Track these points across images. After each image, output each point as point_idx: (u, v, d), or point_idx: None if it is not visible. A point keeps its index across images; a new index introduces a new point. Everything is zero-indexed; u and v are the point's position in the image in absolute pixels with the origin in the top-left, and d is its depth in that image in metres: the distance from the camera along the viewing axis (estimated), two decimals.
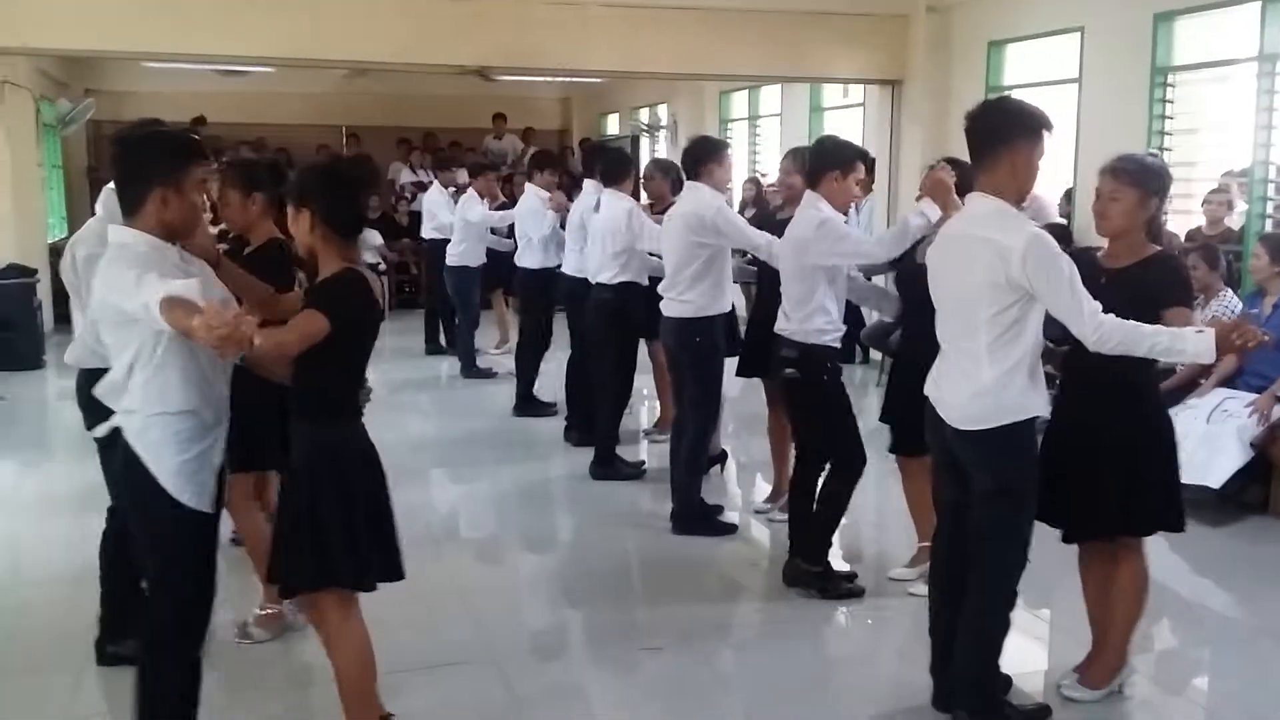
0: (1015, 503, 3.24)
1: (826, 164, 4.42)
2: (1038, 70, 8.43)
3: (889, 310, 4.74)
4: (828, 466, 4.50)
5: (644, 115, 15.07)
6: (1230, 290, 6.01)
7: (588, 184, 6.85)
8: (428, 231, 10.03)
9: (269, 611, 4.06)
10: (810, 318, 4.37)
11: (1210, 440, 5.36)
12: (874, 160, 4.59)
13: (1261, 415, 5.39)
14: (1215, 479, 5.25)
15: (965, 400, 3.25)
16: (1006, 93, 8.59)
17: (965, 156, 3.39)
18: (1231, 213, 6.74)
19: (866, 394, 7.97)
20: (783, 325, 4.50)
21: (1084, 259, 3.36)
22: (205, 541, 2.97)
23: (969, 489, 3.31)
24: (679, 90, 13.25)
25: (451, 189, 10.05)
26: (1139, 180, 3.35)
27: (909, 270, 4.37)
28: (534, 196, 7.71)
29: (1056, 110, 7.65)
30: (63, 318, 11.40)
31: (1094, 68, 7.58)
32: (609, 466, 6.27)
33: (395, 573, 3.11)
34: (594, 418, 6.51)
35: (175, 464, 2.84)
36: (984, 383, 3.18)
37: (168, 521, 2.86)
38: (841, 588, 4.51)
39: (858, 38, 9.10)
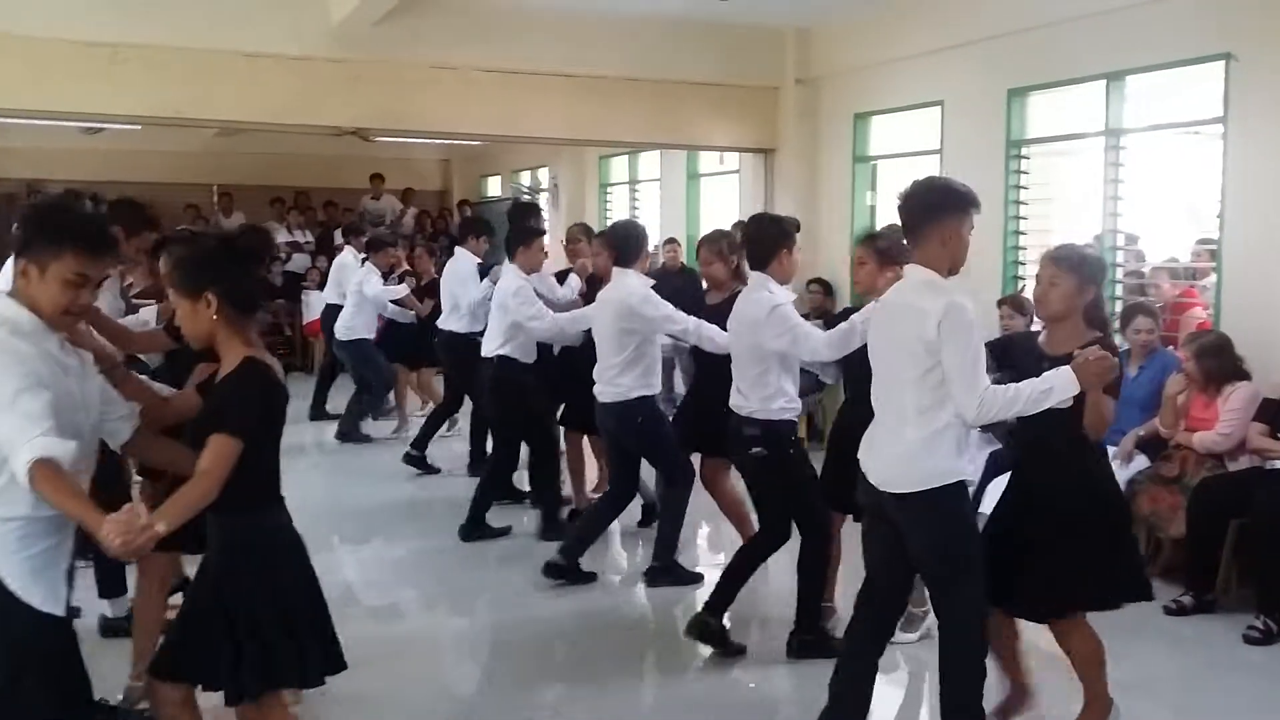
0: (952, 565, 3.32)
1: (774, 243, 4.49)
2: (901, 141, 8.79)
3: (830, 375, 4.84)
4: (801, 538, 4.51)
5: (525, 178, 15.14)
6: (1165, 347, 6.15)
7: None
8: (332, 296, 9.74)
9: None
10: (771, 399, 4.42)
11: None
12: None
13: (1123, 454, 5.64)
14: None
15: (891, 463, 3.37)
16: (874, 162, 8.96)
17: (832, 223, 3.52)
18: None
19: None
20: (740, 404, 4.50)
21: (1025, 343, 3.51)
22: (61, 645, 2.71)
23: (895, 549, 3.41)
24: (560, 154, 13.37)
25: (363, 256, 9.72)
26: (1077, 268, 3.51)
27: None
28: (464, 261, 7.65)
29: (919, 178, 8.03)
30: None
31: (954, 139, 7.95)
32: (554, 527, 6.24)
33: (336, 664, 3.00)
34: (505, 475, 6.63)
35: (21, 559, 2.60)
36: (909, 445, 3.30)
37: (16, 626, 2.61)
38: (839, 646, 4.50)
39: (732, 108, 9.36)
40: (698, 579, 5.52)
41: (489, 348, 6.27)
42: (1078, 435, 3.37)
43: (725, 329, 4.77)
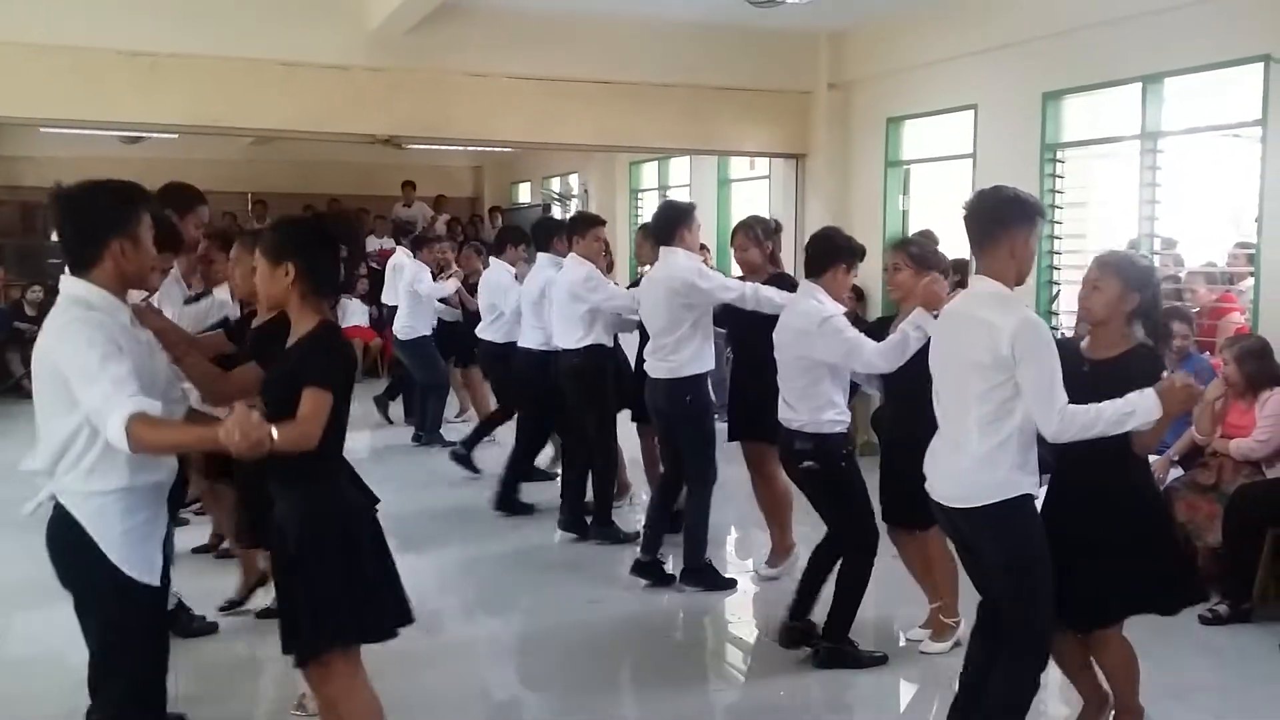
0: (1019, 577, 3.30)
1: (837, 256, 4.48)
2: (934, 145, 8.76)
3: (873, 385, 4.81)
4: (843, 552, 4.50)
5: (556, 184, 15.20)
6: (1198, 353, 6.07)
7: (542, 257, 6.80)
8: (390, 297, 9.78)
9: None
10: (821, 409, 4.38)
11: None
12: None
13: (1159, 477, 5.57)
14: None
15: (953, 477, 3.36)
16: (907, 167, 8.93)
17: (864, 228, 3.52)
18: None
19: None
20: (789, 416, 4.48)
21: (1067, 348, 3.48)
22: (154, 618, 2.86)
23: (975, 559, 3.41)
24: (590, 160, 13.42)
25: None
26: (1121, 272, 3.48)
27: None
28: (501, 270, 7.69)
29: (953, 183, 8.01)
30: None
31: (987, 143, 7.91)
32: (608, 527, 6.23)
33: (407, 616, 3.06)
34: (515, 490, 6.70)
35: (120, 532, 2.71)
36: (971, 460, 3.29)
37: (114, 596, 2.72)
38: (866, 657, 4.51)
39: (763, 113, 9.35)
40: (731, 584, 5.50)
41: (569, 339, 6.17)
42: (1119, 446, 3.33)
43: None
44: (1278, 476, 5.32)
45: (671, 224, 5.35)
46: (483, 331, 7.73)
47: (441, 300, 9.13)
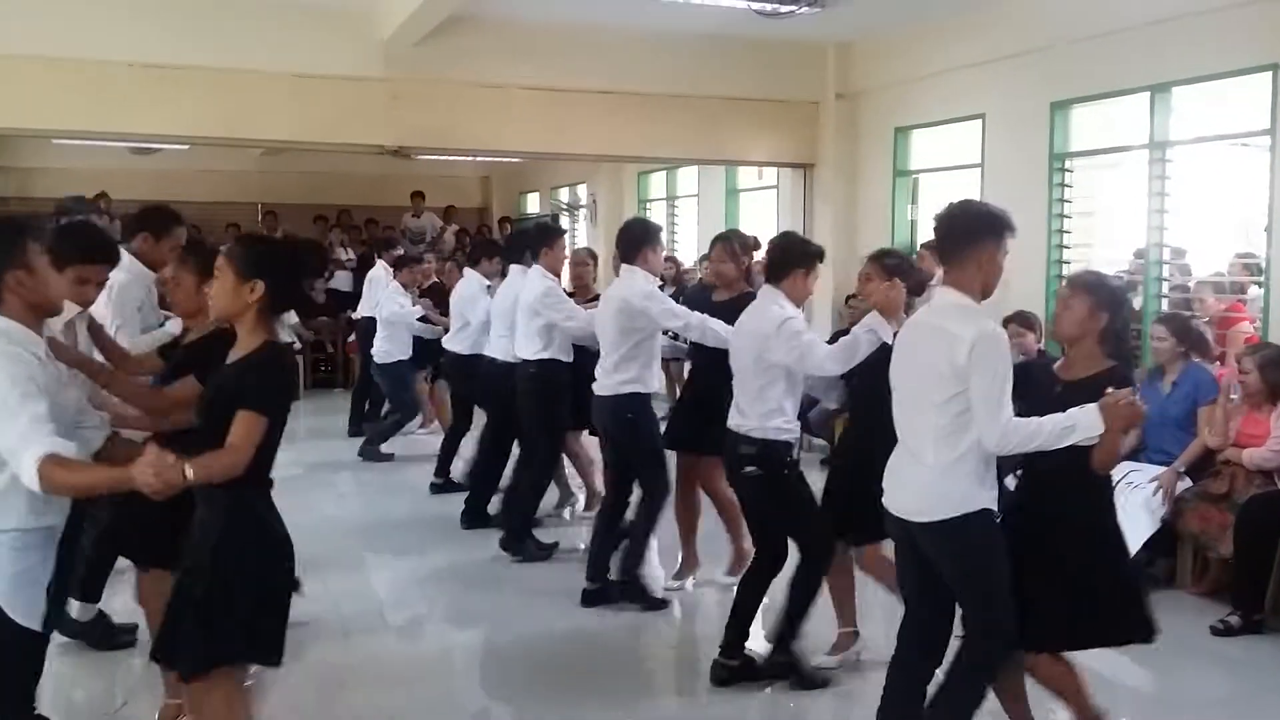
0: (980, 587, 3.30)
1: (794, 261, 4.45)
2: (942, 155, 8.76)
3: (834, 398, 4.78)
4: (799, 557, 4.44)
5: (564, 194, 15.23)
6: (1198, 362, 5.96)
7: (514, 268, 6.81)
8: (365, 309, 9.81)
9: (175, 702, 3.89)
10: (769, 416, 4.34)
11: (1119, 512, 5.48)
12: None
13: (1166, 492, 5.55)
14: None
15: (912, 491, 3.36)
16: (915, 177, 8.94)
17: (872, 238, 3.51)
18: (1137, 294, 7.00)
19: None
20: (738, 421, 4.42)
21: (1041, 368, 3.48)
22: (34, 664, 2.81)
23: (927, 575, 3.39)
24: (599, 170, 13.45)
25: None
26: (1092, 290, 3.47)
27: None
28: (474, 282, 7.71)
29: (960, 193, 7.99)
30: None
31: (995, 153, 7.91)
32: (521, 544, 6.21)
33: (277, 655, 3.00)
34: (484, 502, 6.71)
35: (9, 575, 2.66)
36: (930, 472, 3.28)
37: None
38: (817, 676, 4.45)
39: (772, 123, 9.38)
40: (663, 605, 5.41)
41: (527, 352, 6.19)
42: (1086, 469, 3.30)
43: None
44: None
45: (637, 242, 5.33)
46: (448, 342, 7.76)
47: (421, 319, 9.11)
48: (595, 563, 5.47)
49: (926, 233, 8.68)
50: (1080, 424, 3.16)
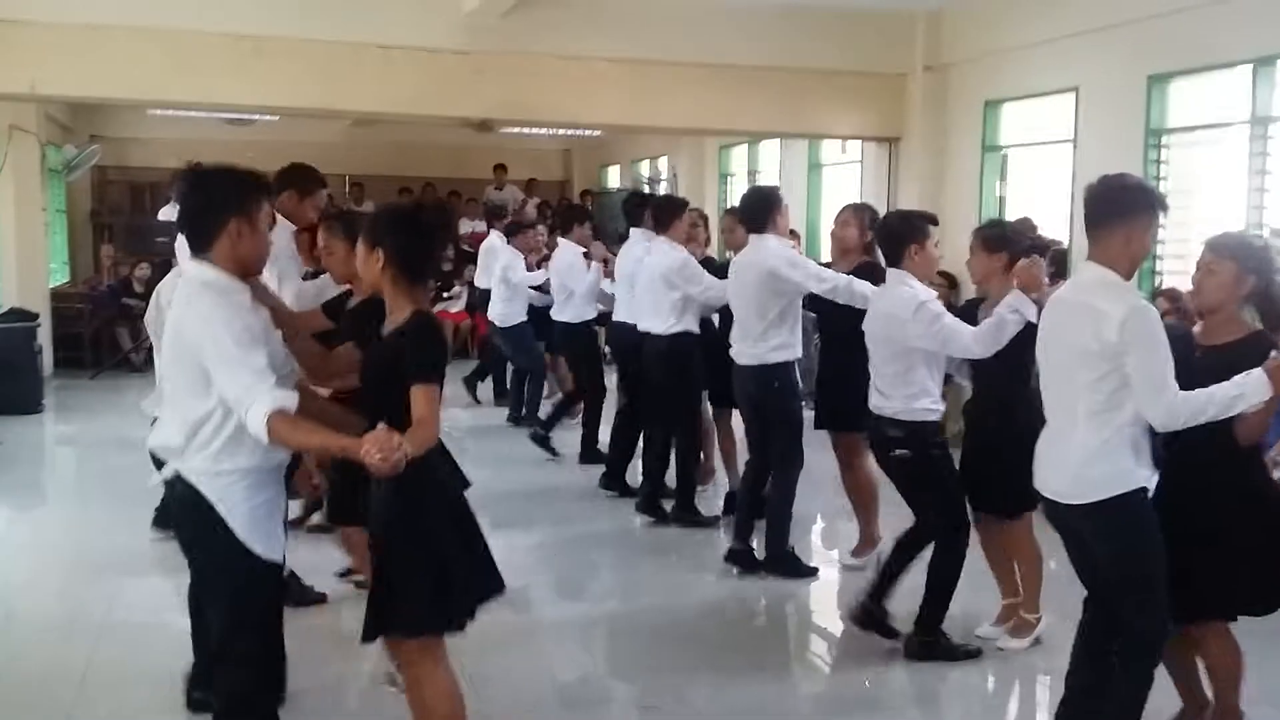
0: (1135, 571, 3.24)
1: (903, 237, 4.39)
2: (1033, 129, 8.56)
3: (965, 374, 4.73)
4: (935, 541, 4.40)
5: (645, 167, 15.23)
6: None
7: (635, 232, 6.79)
8: (484, 280, 9.69)
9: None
10: (914, 398, 4.31)
11: None
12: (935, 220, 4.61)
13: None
14: None
15: (1064, 472, 3.29)
16: (1004, 152, 8.74)
17: (959, 215, 3.44)
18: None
19: None
20: (881, 404, 4.39)
21: (1178, 334, 3.39)
22: (275, 595, 2.94)
23: (1087, 555, 3.33)
24: (679, 144, 13.42)
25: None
26: (1236, 254, 3.38)
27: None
28: (570, 251, 7.71)
29: (1053, 169, 7.81)
30: (63, 362, 11.53)
31: (1089, 128, 7.70)
32: (689, 512, 6.22)
33: (498, 586, 3.09)
34: (623, 470, 6.71)
35: (246, 510, 2.79)
36: (1082, 452, 3.22)
37: (240, 573, 2.81)
38: (960, 650, 4.42)
39: (857, 96, 9.25)
40: (813, 573, 5.45)
41: (658, 326, 6.11)
42: (1231, 438, 3.24)
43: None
44: None
45: (763, 209, 5.30)
46: (557, 313, 7.75)
47: (535, 288, 9.15)
48: (741, 524, 5.45)
49: (1016, 209, 8.54)
50: (1249, 390, 3.08)
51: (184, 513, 2.87)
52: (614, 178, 16.83)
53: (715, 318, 6.22)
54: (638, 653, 4.64)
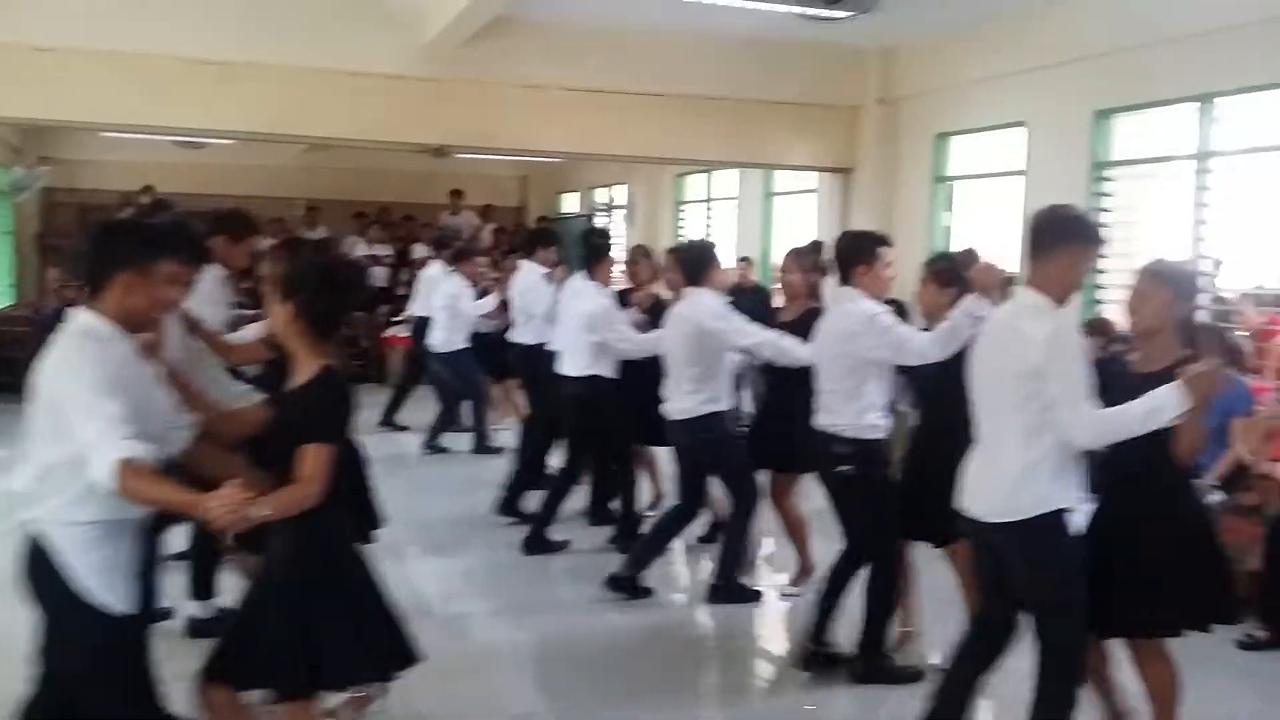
0: (1054, 592, 3.31)
1: (856, 256, 4.45)
2: (982, 162, 8.75)
3: (906, 400, 4.79)
4: (871, 564, 4.44)
5: (601, 195, 15.30)
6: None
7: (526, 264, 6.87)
8: (420, 309, 9.78)
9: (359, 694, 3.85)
10: (862, 414, 4.35)
11: None
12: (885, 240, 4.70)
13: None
14: None
15: (990, 491, 3.36)
16: (953, 182, 8.93)
17: (909, 244, 3.52)
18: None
19: None
20: (829, 421, 4.41)
21: (1115, 363, 3.49)
22: (130, 647, 2.84)
23: (1000, 576, 3.40)
24: (636, 171, 13.50)
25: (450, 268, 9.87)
26: (1171, 281, 3.47)
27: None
28: (532, 273, 7.70)
29: (1002, 201, 7.99)
30: (4, 387, 11.25)
31: (1037, 161, 7.89)
32: (539, 543, 6.27)
33: (411, 656, 3.07)
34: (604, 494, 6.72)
35: (92, 560, 2.72)
36: (1008, 473, 3.29)
37: (85, 622, 2.73)
38: (905, 672, 4.47)
39: (812, 127, 9.41)
40: (756, 596, 5.50)
41: (575, 367, 6.21)
42: (1168, 462, 3.32)
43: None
44: None
45: (700, 264, 5.39)
46: (516, 335, 7.76)
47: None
48: (637, 557, 5.50)
49: (964, 240, 8.70)
50: (1166, 403, 3.14)
51: (31, 560, 2.78)
52: (571, 204, 16.89)
53: None
54: (575, 681, 4.62)
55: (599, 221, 15.00)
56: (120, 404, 2.66)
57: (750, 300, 7.87)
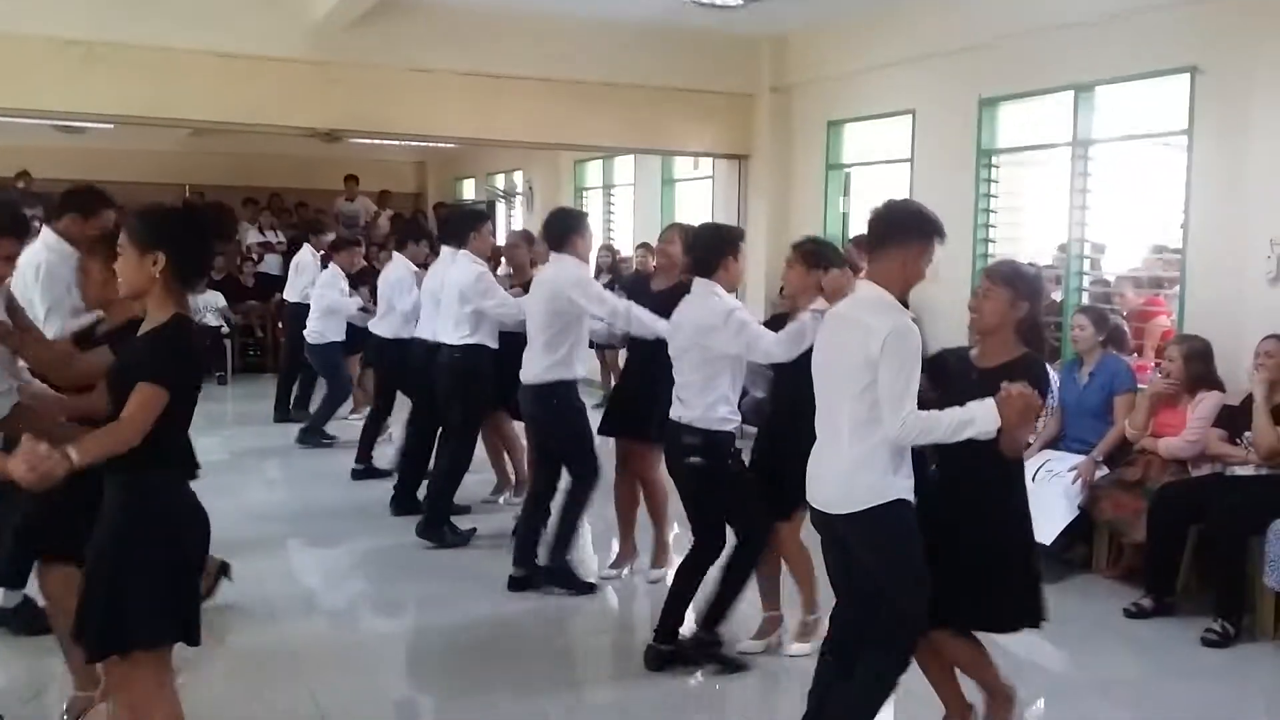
0: (894, 579, 3.35)
1: (720, 250, 4.47)
2: (874, 149, 8.88)
3: (762, 386, 4.82)
4: (736, 542, 4.48)
5: (500, 181, 15.16)
6: (1114, 353, 6.12)
7: (445, 251, 6.79)
8: (292, 294, 9.78)
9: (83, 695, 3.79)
10: (714, 406, 4.37)
11: (1038, 500, 5.56)
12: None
13: (1084, 480, 5.71)
14: (1046, 537, 5.43)
15: (831, 481, 3.40)
16: (847, 170, 9.05)
17: (805, 230, 3.54)
18: (1059, 287, 7.18)
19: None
20: (681, 413, 4.44)
21: (959, 357, 3.55)
22: None
23: (850, 566, 3.43)
24: (535, 157, 13.40)
25: (321, 253, 9.81)
26: (1010, 282, 3.56)
27: None
28: (402, 267, 7.66)
29: (891, 187, 8.13)
30: None
31: (924, 148, 8.04)
32: (437, 531, 6.20)
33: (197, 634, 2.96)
34: (414, 488, 6.70)
35: None
36: (845, 462, 3.33)
37: None
38: (739, 660, 4.50)
39: (707, 114, 9.43)
40: (591, 589, 5.46)
41: (451, 337, 6.17)
42: (994, 457, 3.38)
43: (668, 316, 4.70)
44: (1202, 475, 5.48)
45: (563, 230, 5.37)
46: (375, 326, 7.75)
47: (361, 309, 9.01)
48: (521, 549, 5.48)
49: (858, 226, 8.84)
50: (978, 418, 3.23)
51: None
52: (469, 190, 16.69)
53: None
54: (462, 670, 4.59)
55: (500, 207, 14.88)
56: None
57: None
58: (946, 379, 3.52)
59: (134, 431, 2.69)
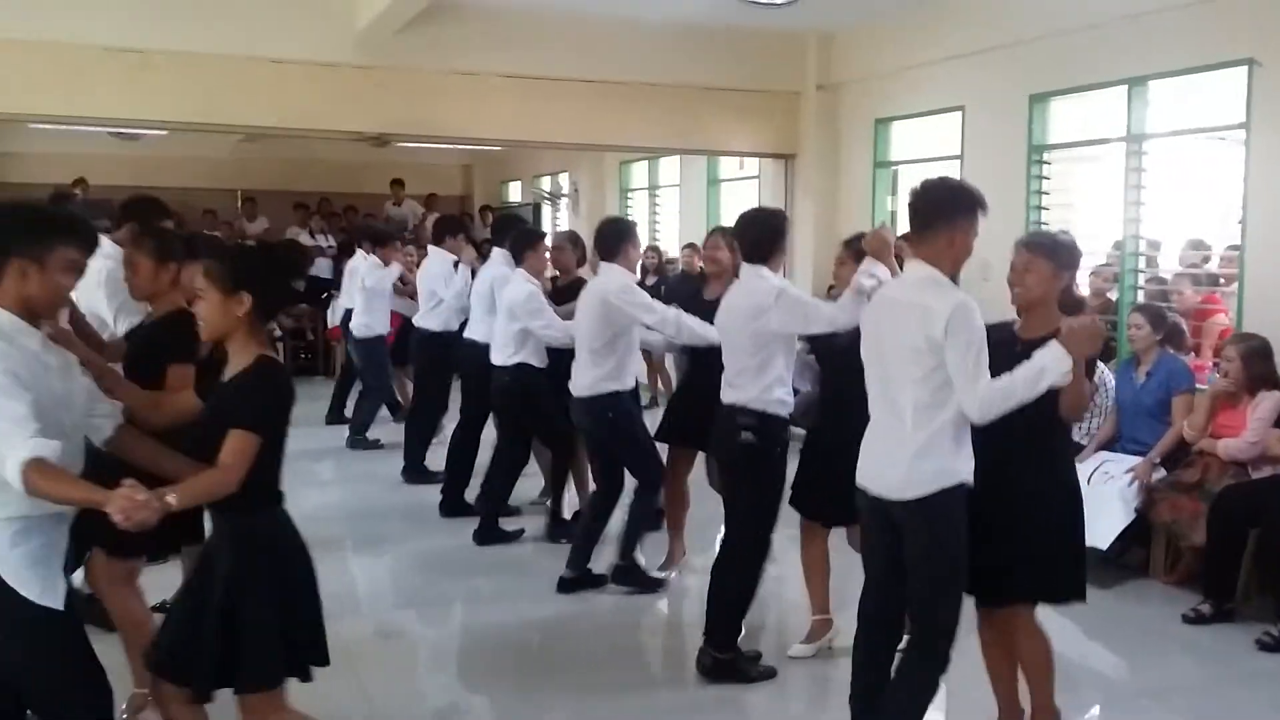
0: (941, 569, 3.30)
1: (774, 240, 4.45)
2: (921, 147, 8.79)
3: (809, 379, 4.78)
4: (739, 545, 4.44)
5: (545, 183, 15.21)
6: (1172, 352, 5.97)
7: (496, 253, 6.78)
8: (348, 301, 9.68)
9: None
10: (770, 388, 4.32)
11: (1094, 502, 5.47)
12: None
13: (1141, 482, 5.60)
14: (1102, 540, 5.37)
15: (890, 467, 3.33)
16: (895, 168, 8.97)
17: (852, 228, 3.50)
18: (1114, 285, 7.06)
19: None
20: (734, 397, 4.37)
21: (1002, 330, 3.50)
22: (69, 640, 2.74)
23: (898, 554, 3.37)
24: (580, 159, 13.42)
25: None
26: (1051, 253, 3.51)
27: (825, 340, 4.45)
28: (439, 260, 7.66)
29: None
30: None
31: (974, 145, 7.94)
32: (492, 533, 6.25)
33: (323, 658, 3.04)
34: (461, 490, 6.76)
35: (17, 556, 2.63)
36: (909, 448, 3.26)
37: (17, 621, 2.64)
38: (753, 671, 4.44)
39: (753, 113, 9.38)
40: (659, 584, 5.47)
41: (502, 356, 6.17)
42: (1049, 427, 3.35)
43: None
44: (1262, 477, 5.34)
45: (615, 239, 5.36)
46: (420, 320, 7.70)
47: (397, 292, 9.05)
48: (577, 552, 5.49)
49: (906, 225, 8.74)
50: (1048, 363, 3.18)
51: None
52: (515, 193, 16.77)
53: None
54: (500, 672, 4.61)
55: (545, 209, 14.93)
56: (27, 401, 2.56)
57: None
58: (992, 353, 3.44)
59: (231, 477, 2.75)
